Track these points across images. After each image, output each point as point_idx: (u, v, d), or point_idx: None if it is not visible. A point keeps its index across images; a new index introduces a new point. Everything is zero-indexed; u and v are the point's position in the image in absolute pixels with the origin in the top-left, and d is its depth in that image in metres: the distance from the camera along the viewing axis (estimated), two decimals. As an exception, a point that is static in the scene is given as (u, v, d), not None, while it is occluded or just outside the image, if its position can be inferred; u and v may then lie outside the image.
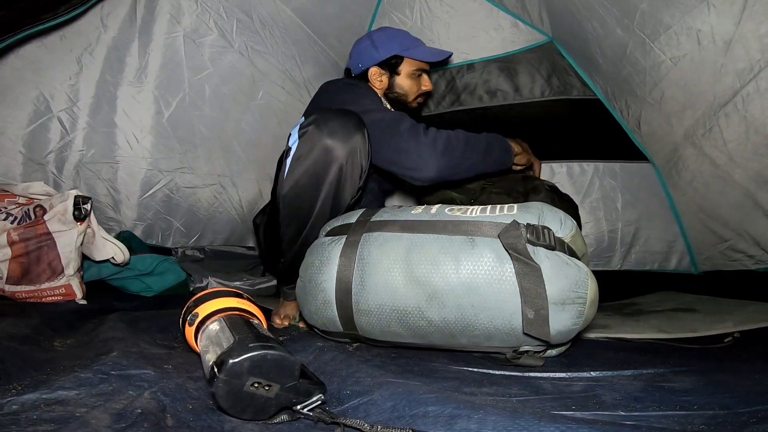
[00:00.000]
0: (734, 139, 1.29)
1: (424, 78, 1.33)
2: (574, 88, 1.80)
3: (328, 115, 0.95)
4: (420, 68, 1.31)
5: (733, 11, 1.10)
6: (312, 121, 0.93)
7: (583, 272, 0.70)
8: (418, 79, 1.32)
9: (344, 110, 0.98)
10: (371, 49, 1.29)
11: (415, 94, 1.32)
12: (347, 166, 0.92)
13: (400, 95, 1.31)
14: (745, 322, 0.99)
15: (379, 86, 1.30)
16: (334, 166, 0.91)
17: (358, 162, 0.93)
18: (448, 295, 0.71)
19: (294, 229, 0.99)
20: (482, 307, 0.70)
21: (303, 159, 0.92)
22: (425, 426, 0.49)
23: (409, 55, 1.28)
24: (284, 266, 1.06)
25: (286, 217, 0.99)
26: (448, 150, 1.02)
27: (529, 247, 0.69)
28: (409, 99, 1.32)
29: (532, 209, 0.76)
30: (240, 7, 1.56)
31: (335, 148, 0.90)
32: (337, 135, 0.91)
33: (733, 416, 0.53)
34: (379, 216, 0.84)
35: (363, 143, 0.93)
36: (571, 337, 0.73)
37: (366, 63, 1.30)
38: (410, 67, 1.29)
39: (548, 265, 0.68)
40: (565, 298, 0.68)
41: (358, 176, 0.95)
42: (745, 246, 1.44)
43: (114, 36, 1.34)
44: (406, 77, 1.29)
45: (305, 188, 0.94)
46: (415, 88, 1.31)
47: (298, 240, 0.99)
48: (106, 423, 0.45)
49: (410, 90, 1.31)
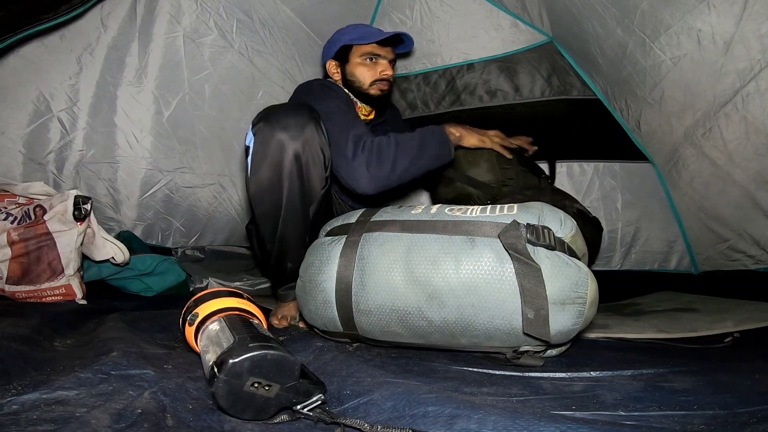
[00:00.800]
0: (734, 139, 1.29)
1: (381, 63, 1.32)
2: (574, 88, 1.80)
3: (277, 109, 0.97)
4: (369, 53, 1.31)
5: (733, 11, 1.10)
6: (262, 117, 0.95)
7: (583, 272, 0.70)
8: (373, 65, 1.32)
9: (295, 103, 1.01)
10: (329, 45, 1.36)
11: (371, 79, 1.31)
12: (305, 154, 0.94)
13: (354, 82, 1.32)
14: (745, 321, 0.99)
15: (337, 78, 1.34)
16: (289, 156, 0.92)
17: (317, 150, 0.95)
18: (448, 295, 0.71)
19: (270, 226, 1.00)
20: (482, 307, 0.70)
21: (261, 155, 0.93)
22: (425, 426, 0.49)
23: (355, 43, 1.32)
24: (272, 266, 1.06)
25: (261, 215, 0.99)
26: (379, 161, 1.02)
27: (529, 247, 0.69)
28: (364, 86, 1.32)
29: (532, 209, 0.76)
30: (240, 7, 1.56)
31: (288, 139, 0.92)
32: (289, 126, 0.92)
33: (733, 416, 0.53)
34: (379, 216, 0.84)
35: (317, 131, 0.95)
36: (571, 337, 0.73)
37: (325, 59, 1.36)
38: (358, 54, 1.32)
39: (548, 265, 0.68)
40: (565, 298, 0.68)
41: (322, 164, 0.96)
42: (745, 246, 1.44)
43: (114, 36, 1.34)
44: (357, 64, 1.32)
45: (268, 183, 0.95)
46: (368, 74, 1.31)
47: (276, 236, 1.00)
48: (106, 423, 0.45)
49: (362, 76, 1.32)
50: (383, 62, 1.33)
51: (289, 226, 0.98)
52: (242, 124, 1.75)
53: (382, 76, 1.32)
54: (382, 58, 1.33)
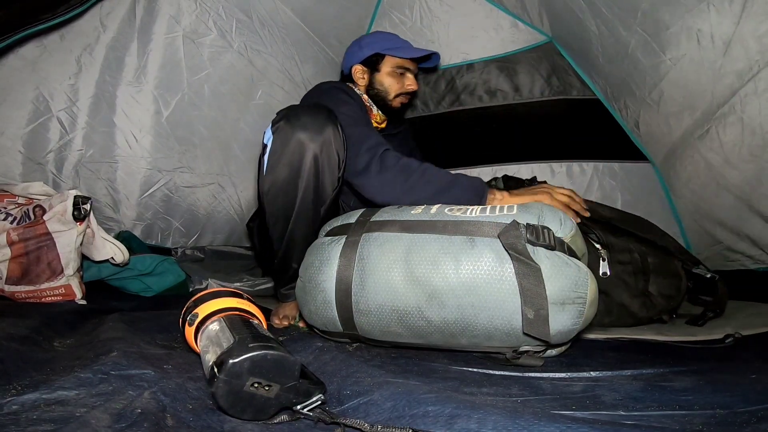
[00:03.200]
0: (730, 141, 1.28)
1: (408, 77, 1.34)
2: (573, 88, 1.80)
3: (298, 109, 0.97)
4: (401, 66, 1.33)
5: (732, 11, 1.10)
6: (283, 116, 0.95)
7: (583, 272, 0.70)
8: (400, 78, 1.33)
9: (315, 104, 1.00)
10: (357, 48, 1.35)
11: (396, 92, 1.33)
12: (322, 156, 0.93)
13: (380, 92, 1.33)
14: (744, 326, 0.99)
15: (362, 83, 1.34)
16: (308, 157, 0.92)
17: (333, 152, 0.94)
18: (447, 295, 0.71)
19: (281, 226, 1.00)
20: (482, 307, 0.70)
21: (279, 154, 0.93)
22: (425, 426, 0.49)
23: (389, 53, 1.32)
24: (277, 265, 1.06)
25: (272, 214, 0.99)
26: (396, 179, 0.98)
27: (528, 247, 0.69)
28: (389, 96, 1.33)
29: (532, 209, 0.76)
30: (239, 7, 1.56)
31: (308, 139, 0.92)
32: (309, 127, 0.92)
33: (733, 416, 0.53)
34: (379, 216, 0.84)
35: (335, 133, 0.94)
36: (571, 337, 0.73)
37: (351, 62, 1.35)
38: (390, 65, 1.32)
39: (548, 265, 0.68)
40: (565, 298, 0.68)
41: (336, 166, 0.96)
42: (743, 246, 1.44)
43: (113, 36, 1.34)
44: (386, 74, 1.32)
45: (284, 182, 0.95)
46: (396, 86, 1.33)
47: (285, 236, 1.00)
48: (106, 423, 0.45)
49: (390, 87, 1.32)
50: (410, 76, 1.34)
51: (299, 226, 0.98)
52: (241, 124, 1.75)
53: (407, 89, 1.34)
54: (410, 72, 1.34)
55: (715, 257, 1.57)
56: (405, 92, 1.34)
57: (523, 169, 1.93)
